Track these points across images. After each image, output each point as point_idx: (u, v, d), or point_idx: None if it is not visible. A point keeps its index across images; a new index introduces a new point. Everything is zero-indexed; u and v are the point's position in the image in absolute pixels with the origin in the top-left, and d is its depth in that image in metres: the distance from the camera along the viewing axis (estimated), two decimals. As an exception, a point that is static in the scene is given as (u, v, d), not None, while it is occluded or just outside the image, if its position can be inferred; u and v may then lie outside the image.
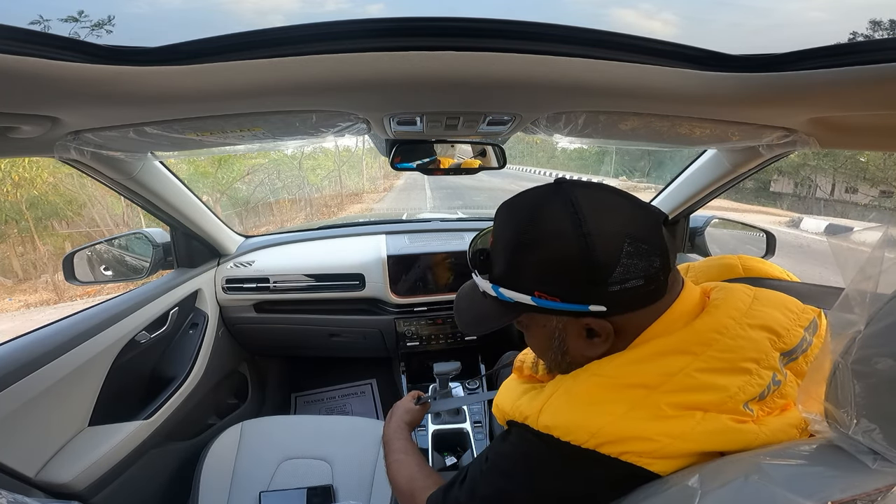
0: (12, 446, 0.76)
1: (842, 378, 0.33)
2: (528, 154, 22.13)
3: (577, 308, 0.45)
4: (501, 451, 0.50)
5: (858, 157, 9.92)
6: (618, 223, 0.44)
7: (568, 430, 0.43)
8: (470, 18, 0.43)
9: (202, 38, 0.42)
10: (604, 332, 0.46)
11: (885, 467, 0.31)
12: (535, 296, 0.45)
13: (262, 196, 9.83)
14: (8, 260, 7.38)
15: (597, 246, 0.42)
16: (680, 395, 0.41)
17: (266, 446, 1.08)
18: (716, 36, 16.78)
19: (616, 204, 0.46)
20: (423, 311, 1.45)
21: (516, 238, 0.47)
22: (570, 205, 0.45)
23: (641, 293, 0.44)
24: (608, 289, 0.43)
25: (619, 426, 0.41)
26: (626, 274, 0.43)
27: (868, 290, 0.32)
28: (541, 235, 0.45)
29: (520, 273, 0.47)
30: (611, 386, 0.44)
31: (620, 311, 0.45)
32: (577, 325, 0.47)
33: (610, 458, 0.41)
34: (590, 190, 0.47)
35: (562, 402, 0.45)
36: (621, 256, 0.42)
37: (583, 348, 0.48)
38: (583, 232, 0.43)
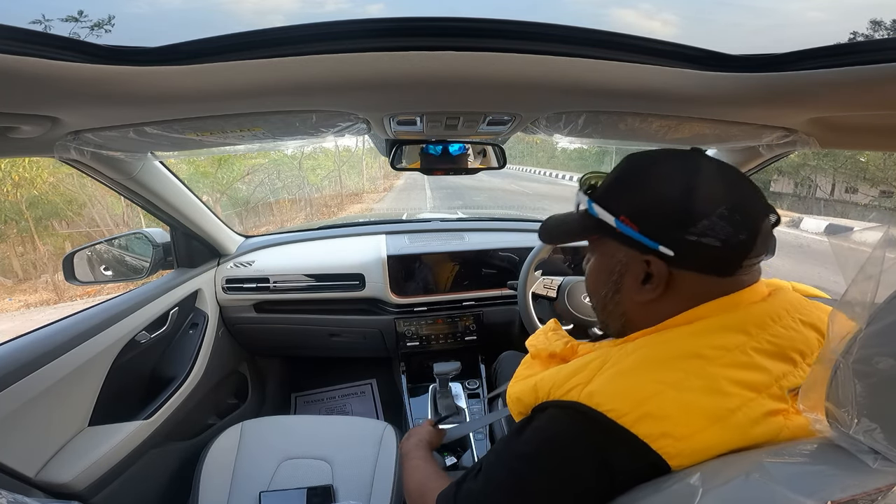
0: (12, 446, 0.76)
1: (843, 377, 0.33)
2: (528, 154, 22.13)
3: (648, 243, 0.46)
4: (525, 438, 0.47)
5: (858, 157, 9.92)
6: (725, 189, 0.45)
7: (610, 398, 0.42)
8: (470, 18, 0.43)
9: (202, 38, 0.42)
10: (659, 278, 0.47)
11: (885, 467, 0.31)
12: (619, 219, 0.47)
13: (262, 196, 9.83)
14: (8, 260, 7.38)
15: (697, 194, 0.45)
16: (735, 371, 0.41)
17: (266, 446, 1.08)
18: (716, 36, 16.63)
19: (734, 178, 0.47)
20: (423, 311, 1.45)
21: (630, 167, 0.50)
22: (689, 162, 0.47)
23: (712, 256, 0.44)
24: (685, 235, 0.44)
25: (668, 397, 0.40)
26: (709, 230, 0.43)
27: (869, 290, 0.32)
28: (652, 171, 0.48)
29: (616, 195, 0.50)
30: (664, 357, 0.44)
31: (684, 265, 0.46)
32: (638, 264, 0.48)
33: (640, 440, 0.40)
34: (713, 161, 0.48)
35: (612, 372, 0.44)
36: (713, 214, 0.43)
37: (634, 291, 0.49)
38: (689, 180, 0.45)
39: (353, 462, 1.04)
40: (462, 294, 1.46)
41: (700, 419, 0.40)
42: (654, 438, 0.40)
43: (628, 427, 0.40)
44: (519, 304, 1.19)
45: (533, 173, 19.82)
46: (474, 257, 1.47)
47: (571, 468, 0.43)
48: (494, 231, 1.66)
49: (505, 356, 1.27)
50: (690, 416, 0.40)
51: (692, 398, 0.40)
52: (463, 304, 1.47)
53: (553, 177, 17.95)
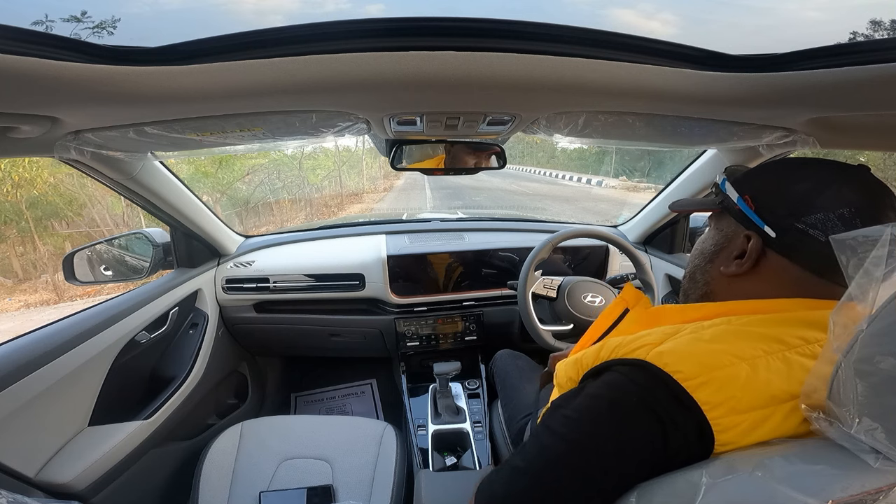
0: (12, 446, 0.76)
1: (844, 377, 0.33)
2: (528, 154, 22.13)
3: (756, 220, 0.48)
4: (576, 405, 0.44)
5: (858, 157, 9.92)
6: (860, 196, 0.45)
7: (679, 360, 0.41)
8: (470, 18, 0.43)
9: (202, 38, 0.42)
10: (750, 253, 0.49)
11: (886, 466, 0.31)
12: (741, 197, 0.50)
13: (262, 196, 9.83)
14: (8, 260, 7.38)
15: (825, 191, 0.45)
16: (811, 361, 0.41)
17: (266, 446, 1.08)
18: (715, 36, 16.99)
19: (875, 191, 0.46)
20: (423, 311, 1.45)
21: (779, 161, 0.53)
22: (842, 170, 0.47)
23: (813, 250, 0.45)
24: (794, 222, 0.46)
25: (738, 369, 0.39)
26: (820, 223, 0.44)
27: (870, 290, 0.32)
28: (797, 167, 0.49)
29: (750, 178, 0.52)
30: (746, 333, 0.43)
31: (782, 250, 0.47)
32: (739, 239, 0.50)
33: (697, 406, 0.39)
34: (876, 179, 0.47)
35: (689, 338, 0.43)
36: (832, 211, 0.44)
37: (724, 263, 0.52)
38: (828, 180, 0.46)
39: (353, 462, 1.04)
40: (462, 294, 1.46)
41: (765, 397, 0.39)
42: (712, 406, 0.38)
43: (691, 392, 0.39)
44: (519, 304, 1.19)
45: (533, 173, 19.82)
46: (474, 257, 1.47)
47: (631, 429, 0.41)
48: (494, 231, 1.66)
49: (500, 355, 1.27)
50: (758, 392, 0.39)
51: (765, 376, 0.40)
52: (463, 304, 1.47)
53: (553, 177, 17.95)
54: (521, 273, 1.20)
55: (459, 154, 0.95)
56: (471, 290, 1.47)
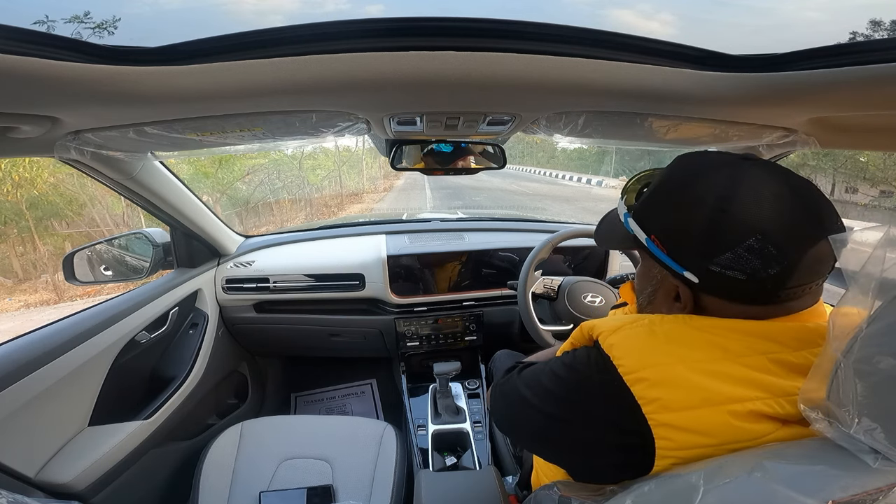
0: (12, 446, 0.76)
1: (843, 377, 0.33)
2: (528, 154, 22.12)
3: (674, 267, 0.47)
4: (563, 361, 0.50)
5: (858, 157, 9.91)
6: (762, 216, 0.42)
7: (624, 354, 0.44)
8: (470, 18, 0.43)
9: (202, 38, 0.42)
10: (685, 301, 0.48)
11: (886, 466, 0.31)
12: (650, 238, 0.48)
13: (262, 196, 9.83)
14: (8, 260, 7.38)
15: (723, 225, 0.43)
16: (752, 371, 0.41)
17: (266, 446, 1.08)
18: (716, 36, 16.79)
19: (780, 199, 0.42)
20: (423, 311, 1.45)
21: (665, 185, 0.49)
22: (730, 181, 0.44)
23: (738, 288, 0.44)
24: (709, 266, 0.44)
25: (672, 370, 0.41)
26: (733, 262, 0.42)
27: (869, 290, 0.32)
28: (685, 193, 0.47)
29: (650, 214, 0.50)
30: (694, 337, 0.44)
31: (708, 292, 0.46)
32: (669, 283, 0.49)
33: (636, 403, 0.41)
34: (766, 174, 0.44)
35: (640, 331, 0.46)
36: (740, 246, 0.42)
37: (666, 306, 0.51)
38: (720, 207, 0.43)
39: (353, 462, 1.04)
40: (462, 294, 1.46)
41: (694, 397, 0.40)
42: (647, 401, 0.41)
43: (629, 385, 0.42)
44: (519, 304, 1.19)
45: (533, 173, 19.82)
46: (474, 257, 1.47)
47: (587, 403, 0.46)
48: (494, 231, 1.66)
49: (499, 355, 1.27)
50: (687, 392, 0.41)
51: (696, 378, 0.41)
52: (463, 304, 1.47)
53: (553, 177, 17.94)
54: (521, 273, 1.20)
55: (459, 154, 0.95)
56: (471, 290, 1.47)
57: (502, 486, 0.83)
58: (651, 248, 0.48)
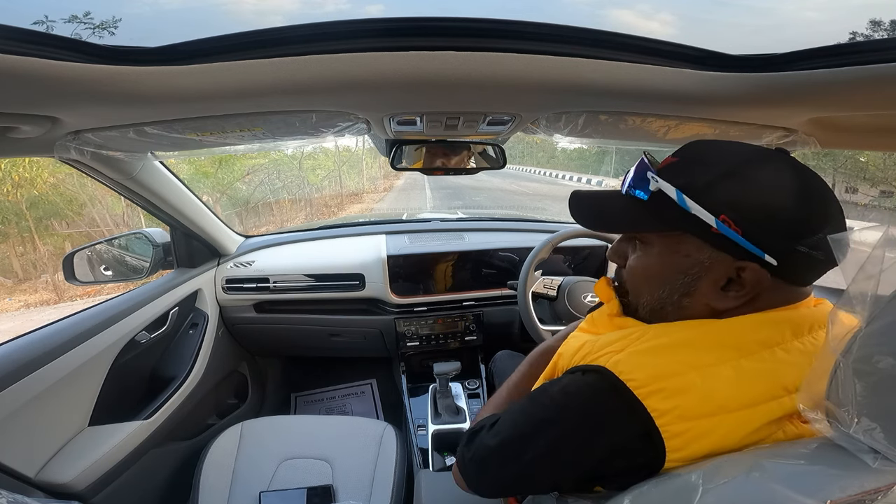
0: (12, 446, 0.76)
1: (843, 377, 0.33)
2: (528, 154, 22.12)
3: (753, 249, 0.42)
4: (550, 395, 0.48)
5: (858, 157, 9.90)
6: (832, 202, 0.43)
7: (633, 369, 0.42)
8: (470, 18, 0.43)
9: (202, 38, 0.42)
10: (750, 286, 0.43)
11: (885, 466, 0.31)
12: (719, 219, 0.42)
13: (262, 196, 9.82)
14: (8, 260, 7.38)
15: (814, 205, 0.42)
16: (767, 365, 0.41)
17: (266, 446, 1.08)
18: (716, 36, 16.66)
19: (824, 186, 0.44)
20: (423, 311, 1.45)
21: (740, 163, 0.44)
22: (796, 167, 0.44)
23: (812, 268, 0.43)
24: (796, 247, 0.41)
25: (687, 378, 0.41)
26: (821, 244, 0.41)
27: (869, 289, 0.32)
28: (763, 173, 0.43)
29: (719, 192, 0.43)
30: (700, 342, 0.43)
31: (784, 275, 0.43)
32: (725, 268, 0.44)
33: (649, 416, 0.40)
34: (810, 171, 0.44)
35: (647, 346, 0.44)
36: (827, 226, 0.41)
37: (711, 296, 0.45)
38: (803, 187, 0.42)
39: (353, 462, 1.04)
40: (462, 294, 1.46)
41: (711, 404, 0.40)
42: (660, 413, 0.40)
43: (641, 399, 0.41)
44: (519, 304, 1.19)
45: (533, 173, 19.81)
46: (474, 257, 1.47)
47: (588, 428, 0.44)
48: (494, 231, 1.66)
49: (500, 355, 1.27)
50: (707, 399, 0.40)
51: (714, 384, 0.40)
52: (463, 304, 1.47)
53: (553, 177, 17.94)
54: (521, 273, 1.20)
55: (459, 154, 0.95)
56: (471, 290, 1.47)
57: (502, 485, 0.83)
58: (721, 228, 0.42)
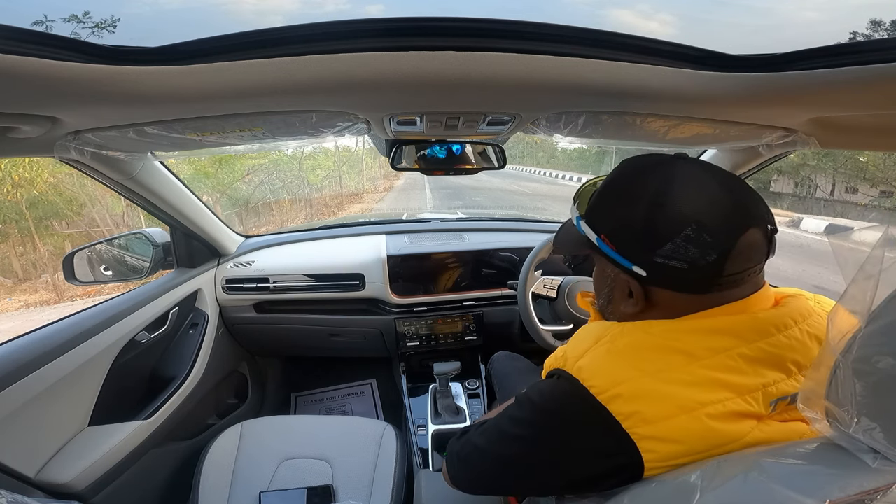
0: (12, 446, 0.76)
1: (842, 376, 0.33)
2: (528, 154, 22.12)
3: (623, 263, 0.49)
4: (525, 399, 0.51)
5: (858, 157, 9.90)
6: (695, 207, 0.45)
7: (593, 375, 0.45)
8: (470, 18, 0.43)
9: (202, 38, 0.42)
10: (637, 296, 0.50)
11: (885, 466, 0.31)
12: (600, 238, 0.51)
13: (262, 196, 9.83)
14: (8, 260, 7.38)
15: (660, 218, 0.45)
16: (717, 372, 0.43)
17: (266, 446, 1.08)
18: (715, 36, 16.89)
19: (711, 192, 0.46)
20: (424, 311, 1.45)
21: (609, 186, 0.52)
22: (663, 177, 0.47)
23: (682, 277, 0.46)
24: (653, 258, 0.46)
25: (642, 382, 0.43)
26: (674, 253, 0.45)
27: (868, 289, 0.32)
28: (626, 191, 0.50)
29: (599, 214, 0.52)
30: (654, 346, 0.46)
31: (656, 284, 0.48)
32: (622, 280, 0.51)
33: (615, 420, 0.42)
34: (697, 170, 0.48)
35: (603, 350, 0.48)
36: (678, 237, 0.44)
37: (621, 304, 0.53)
38: (656, 202, 0.46)
39: (353, 462, 1.04)
40: (462, 294, 1.46)
41: (670, 407, 0.41)
42: (625, 416, 0.42)
43: (604, 403, 0.43)
44: (519, 304, 1.19)
45: (533, 173, 19.81)
46: (474, 257, 1.47)
47: (563, 432, 0.46)
48: (494, 231, 1.66)
49: (498, 356, 1.27)
50: (662, 402, 0.42)
51: (667, 388, 0.42)
52: (463, 304, 1.47)
53: (553, 177, 17.94)
54: (521, 273, 1.20)
55: (459, 154, 0.95)
56: (471, 290, 1.47)
57: (502, 485, 0.83)
58: (602, 246, 0.51)
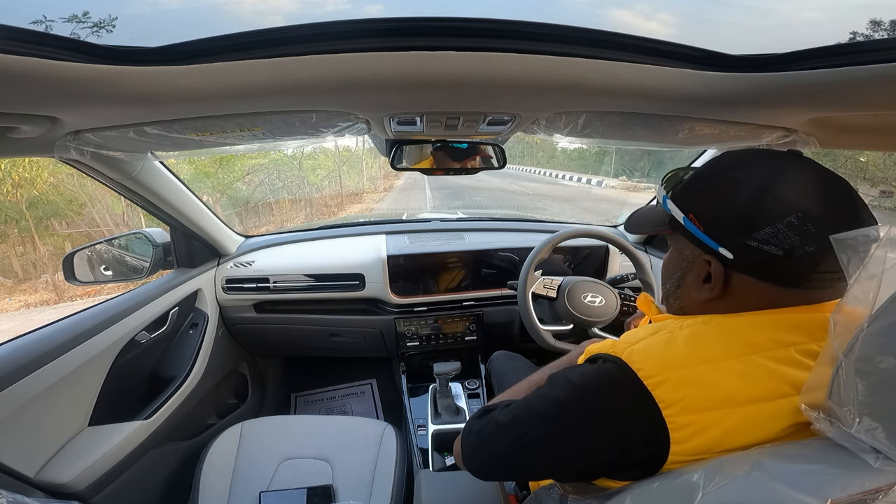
0: (12, 446, 0.76)
1: (845, 376, 0.33)
2: (528, 154, 22.12)
3: (709, 243, 0.47)
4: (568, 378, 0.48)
5: (858, 157, 9.90)
6: (804, 197, 0.42)
7: (645, 359, 0.43)
8: (470, 18, 0.43)
9: (202, 38, 0.42)
10: (715, 279, 0.47)
11: (887, 466, 0.31)
12: (687, 217, 0.49)
13: (262, 196, 9.82)
14: (8, 260, 7.38)
15: (766, 201, 0.43)
16: (781, 365, 0.41)
17: (266, 446, 1.08)
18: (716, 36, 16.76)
19: (824, 187, 0.44)
20: (423, 311, 1.45)
21: (709, 169, 0.50)
22: (772, 167, 0.45)
23: (773, 265, 0.43)
24: (746, 241, 0.44)
25: (695, 370, 0.41)
26: (772, 237, 0.42)
27: (871, 289, 0.32)
28: (731, 172, 0.48)
29: (690, 194, 0.50)
30: (715, 334, 0.44)
31: (742, 269, 0.46)
32: (700, 263, 0.49)
33: (657, 407, 0.41)
34: (809, 165, 0.45)
35: (661, 338, 0.46)
36: (780, 222, 0.42)
37: (694, 287, 0.50)
38: (763, 188, 0.44)
39: (353, 462, 1.04)
40: (462, 294, 1.46)
41: (716, 397, 0.40)
42: (667, 404, 0.41)
43: (651, 389, 0.41)
44: (519, 304, 1.19)
45: (533, 173, 19.81)
46: (474, 257, 1.47)
47: (596, 416, 0.44)
48: (494, 231, 1.66)
49: (497, 356, 1.27)
50: (713, 391, 0.40)
51: (722, 377, 0.41)
52: (463, 304, 1.47)
53: (553, 177, 17.94)
54: (521, 273, 1.19)
55: (459, 154, 0.95)
56: (471, 290, 1.47)
57: (502, 485, 0.83)
58: (687, 225, 0.48)
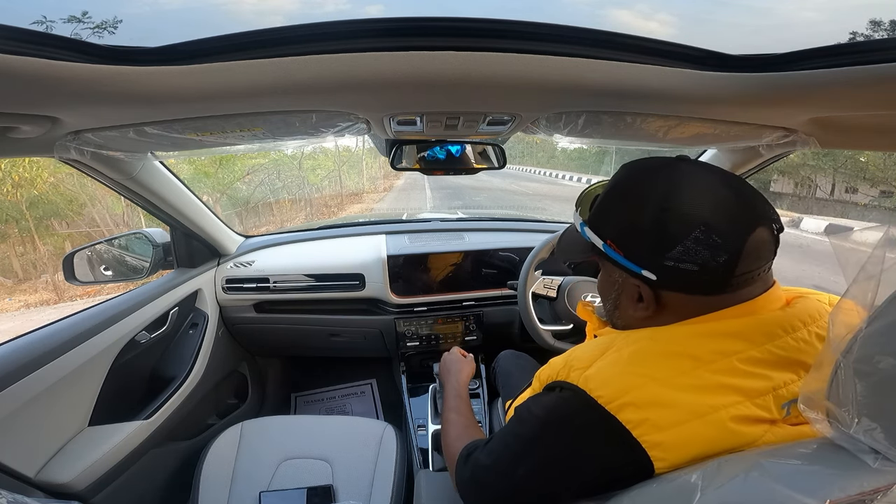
0: (12, 446, 0.76)
1: (843, 377, 0.33)
2: (528, 154, 22.12)
3: (632, 267, 0.49)
4: (534, 412, 0.49)
5: (858, 157, 9.89)
6: (703, 209, 0.45)
7: (601, 385, 0.44)
8: (470, 18, 0.43)
9: (202, 38, 0.42)
10: (647, 299, 0.50)
11: (886, 466, 0.31)
12: (606, 243, 0.51)
13: (262, 196, 9.83)
14: (8, 260, 7.38)
15: (669, 221, 0.45)
16: (726, 376, 0.43)
17: (266, 446, 1.08)
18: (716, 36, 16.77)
19: (716, 192, 0.46)
20: (423, 311, 1.45)
21: (613, 191, 0.53)
22: (668, 180, 0.48)
23: (692, 279, 0.46)
24: (663, 261, 0.46)
25: (651, 389, 0.42)
26: (684, 255, 0.45)
27: (869, 290, 0.32)
28: (631, 195, 0.50)
29: (604, 220, 0.52)
30: (661, 352, 0.46)
31: (667, 287, 0.48)
32: (631, 285, 0.51)
33: (626, 429, 0.41)
34: (700, 171, 0.48)
35: (611, 360, 0.47)
36: (687, 239, 0.44)
37: (630, 308, 0.52)
38: (663, 206, 0.46)
39: (353, 462, 1.04)
40: (462, 294, 1.46)
41: (681, 413, 0.41)
42: (634, 425, 0.41)
43: (614, 413, 0.42)
44: (519, 304, 1.19)
45: (533, 173, 19.81)
46: (474, 257, 1.47)
47: (571, 445, 0.45)
48: (494, 231, 1.66)
49: (503, 355, 1.27)
50: (672, 408, 0.41)
51: (676, 394, 0.42)
52: (463, 304, 1.47)
53: (553, 177, 17.95)
54: (521, 273, 1.20)
55: (459, 154, 0.95)
56: (471, 290, 1.47)
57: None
58: (608, 252, 0.50)
